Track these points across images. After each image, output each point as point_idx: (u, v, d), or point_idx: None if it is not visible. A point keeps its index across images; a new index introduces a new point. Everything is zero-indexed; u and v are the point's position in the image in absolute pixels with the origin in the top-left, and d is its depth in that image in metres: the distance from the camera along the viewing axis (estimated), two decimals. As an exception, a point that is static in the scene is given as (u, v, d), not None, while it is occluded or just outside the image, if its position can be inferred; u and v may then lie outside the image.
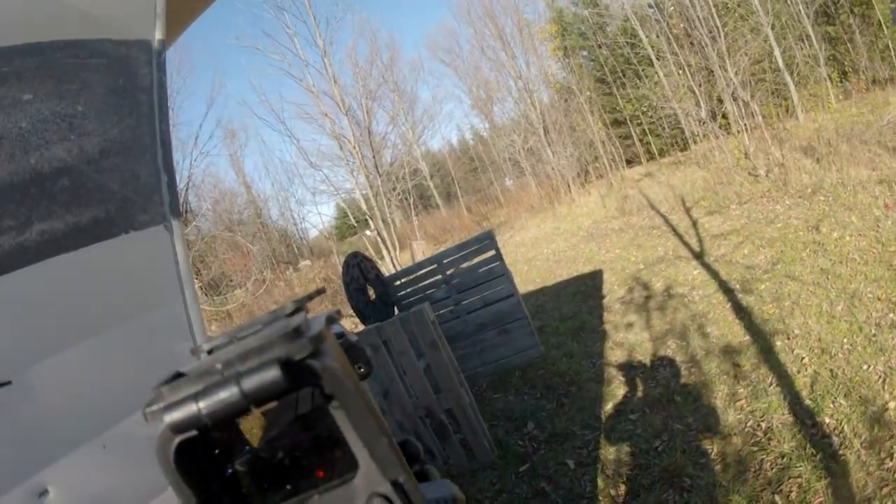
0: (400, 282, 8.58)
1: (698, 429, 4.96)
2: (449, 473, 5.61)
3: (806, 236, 8.62)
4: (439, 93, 74.82)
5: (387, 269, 23.01)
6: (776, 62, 22.13)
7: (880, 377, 4.59)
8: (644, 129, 32.10)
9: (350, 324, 15.62)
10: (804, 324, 5.99)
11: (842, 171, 10.93)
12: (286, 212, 46.30)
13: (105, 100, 1.67)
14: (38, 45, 1.56)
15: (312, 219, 71.92)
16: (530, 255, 18.52)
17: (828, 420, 4.35)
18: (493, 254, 7.87)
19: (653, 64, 26.87)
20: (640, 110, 30.09)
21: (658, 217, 15.09)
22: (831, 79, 22.22)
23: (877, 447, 3.89)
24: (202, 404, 0.46)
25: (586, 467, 5.08)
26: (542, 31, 34.41)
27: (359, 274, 7.89)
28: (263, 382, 0.46)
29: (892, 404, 4.22)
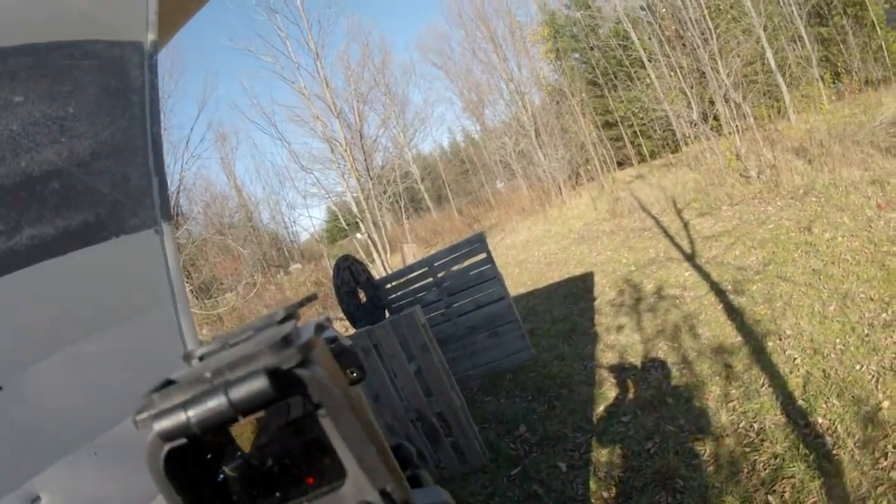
0: (391, 285, 8.57)
1: (690, 430, 4.96)
2: (441, 477, 5.61)
3: (798, 237, 8.64)
4: (431, 95, 75.38)
5: (378, 272, 22.98)
6: (768, 63, 22.23)
7: (873, 377, 4.60)
8: (635, 132, 32.23)
9: (341, 327, 15.61)
10: (796, 324, 6.01)
11: (834, 172, 10.98)
12: (277, 215, 46.28)
13: (97, 102, 1.66)
14: (31, 46, 1.54)
15: (303, 222, 71.86)
16: (521, 257, 18.54)
17: (821, 420, 4.36)
18: (483, 256, 7.86)
19: (645, 66, 26.95)
20: (631, 112, 30.15)
21: (649, 219, 15.13)
22: (824, 80, 22.36)
23: (870, 447, 3.89)
24: (191, 413, 0.46)
25: (578, 470, 5.07)
26: (534, 33, 34.56)
27: (349, 277, 7.88)
28: (251, 392, 0.46)
29: (885, 404, 4.23)
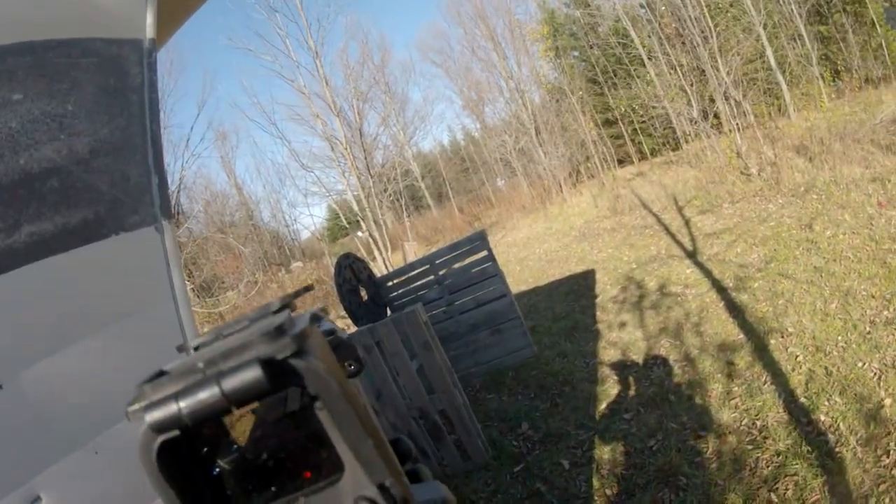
0: (392, 283, 8.57)
1: (693, 427, 4.95)
2: (443, 474, 5.60)
3: (799, 234, 8.64)
4: (430, 94, 75.27)
5: (379, 270, 22.96)
6: (768, 61, 22.21)
7: (875, 374, 4.59)
8: (636, 129, 32.15)
9: (343, 325, 15.62)
10: (798, 322, 6.00)
11: (834, 170, 10.97)
12: (278, 213, 46.24)
13: (96, 99, 1.65)
14: (30, 45, 1.54)
15: (304, 220, 71.79)
16: (522, 255, 18.53)
17: (823, 418, 4.35)
18: (485, 254, 7.86)
19: (644, 64, 26.91)
20: (631, 110, 30.11)
21: (650, 216, 15.12)
22: (824, 78, 22.32)
23: (873, 444, 3.89)
24: (183, 404, 0.45)
25: (581, 467, 5.07)
26: (534, 31, 34.52)
27: (351, 275, 7.87)
28: (244, 382, 0.45)
29: (887, 401, 4.23)
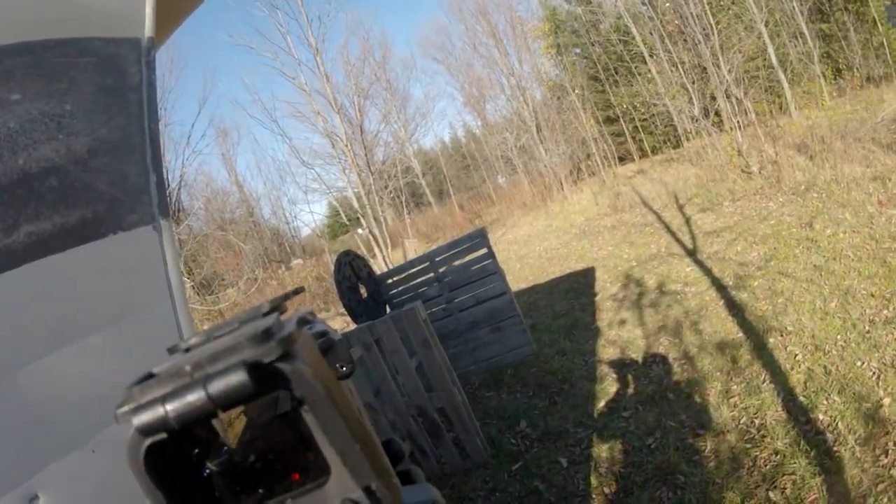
0: (392, 280, 8.57)
1: (692, 426, 4.96)
2: (442, 472, 5.61)
3: (799, 233, 8.63)
4: (432, 90, 75.45)
5: (379, 267, 22.99)
6: (770, 59, 22.17)
7: (874, 374, 4.59)
8: (637, 127, 32.15)
9: (342, 322, 15.65)
10: (798, 320, 6.00)
11: (835, 168, 10.97)
12: (278, 210, 46.28)
13: (94, 99, 1.65)
14: (27, 45, 1.54)
15: (304, 217, 71.78)
16: (523, 252, 18.53)
17: (822, 417, 4.35)
18: (485, 252, 7.86)
19: (646, 61, 26.89)
20: (632, 107, 30.10)
21: (651, 214, 15.12)
22: (825, 76, 22.30)
23: (871, 444, 3.89)
24: (169, 407, 0.45)
25: (579, 465, 5.07)
26: (535, 28, 34.54)
27: (351, 272, 7.88)
28: (230, 386, 0.44)
29: (886, 401, 4.23)
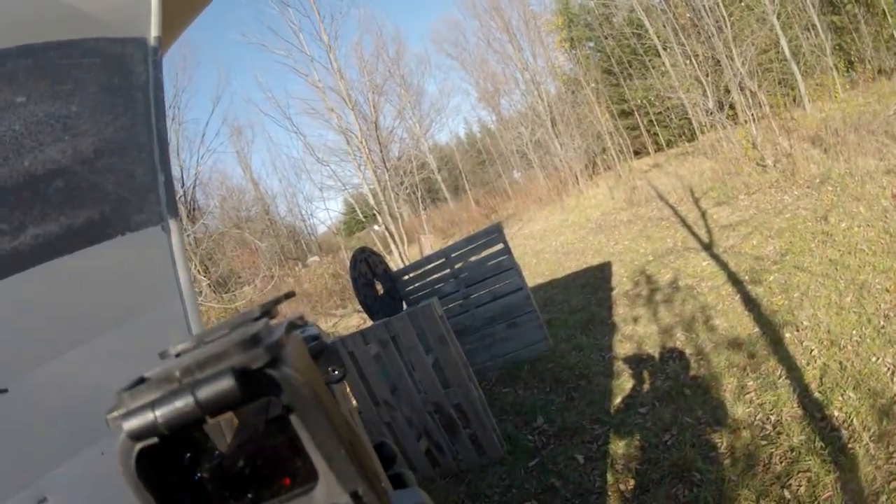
0: (408, 276, 8.57)
1: (707, 422, 4.94)
2: (458, 469, 5.62)
3: (814, 227, 8.59)
4: (446, 86, 75.22)
5: (395, 263, 23.00)
6: (783, 52, 22.05)
7: (889, 369, 4.56)
8: (651, 120, 32.02)
9: (359, 319, 15.69)
10: (813, 315, 5.97)
11: (849, 161, 10.90)
12: (294, 208, 46.47)
13: (100, 99, 1.65)
14: (32, 47, 1.54)
15: (320, 214, 71.85)
16: (539, 247, 18.51)
17: (837, 413, 4.33)
18: (501, 247, 7.84)
19: (659, 54, 26.79)
20: (647, 101, 29.99)
21: (666, 208, 15.07)
22: (837, 68, 22.13)
23: (885, 441, 3.87)
24: (158, 412, 0.45)
25: (596, 462, 5.07)
26: (549, 22, 34.49)
27: (367, 269, 7.89)
28: (217, 392, 0.44)
29: (901, 397, 4.21)
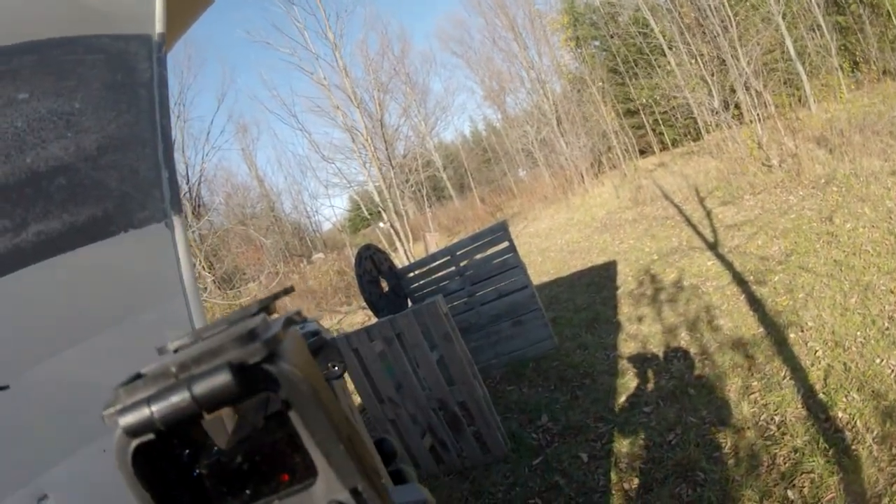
0: (413, 274, 8.57)
1: (712, 422, 4.94)
2: (462, 466, 5.63)
3: (819, 227, 8.57)
4: (451, 84, 74.98)
5: (400, 261, 22.99)
6: (788, 52, 21.97)
7: (893, 371, 4.55)
8: (657, 119, 31.95)
9: (364, 316, 15.70)
10: (818, 316, 5.96)
11: (854, 162, 10.87)
12: (299, 205, 46.38)
13: (103, 96, 1.65)
14: (35, 44, 1.54)
15: (325, 212, 71.98)
16: (544, 245, 18.51)
17: (841, 414, 4.32)
18: (506, 245, 7.84)
19: (665, 53, 26.74)
20: (652, 100, 29.94)
21: (672, 207, 15.05)
22: (843, 69, 22.06)
23: (889, 442, 3.86)
24: (154, 408, 0.44)
25: (600, 460, 5.07)
26: (554, 21, 34.43)
27: (372, 266, 7.89)
28: (214, 388, 0.44)
29: (905, 399, 4.20)
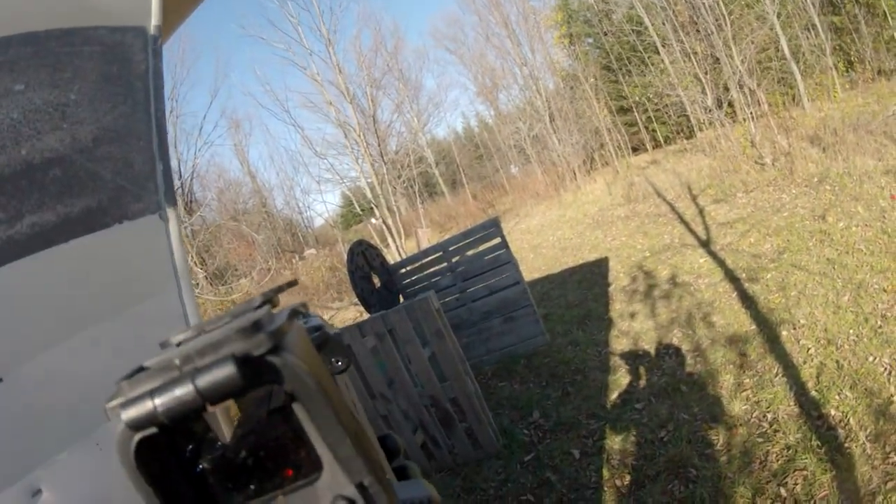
0: (405, 269, 8.56)
1: (704, 419, 4.94)
2: (454, 463, 5.62)
3: (812, 226, 8.58)
4: (444, 80, 75.22)
5: (392, 256, 22.99)
6: (782, 51, 22.01)
7: (886, 369, 4.56)
8: (650, 117, 31.97)
9: (355, 312, 15.68)
10: (810, 314, 5.97)
11: (848, 161, 10.90)
12: (291, 201, 46.46)
13: (99, 87, 1.64)
14: (31, 35, 1.52)
15: (318, 207, 71.85)
16: (536, 242, 18.50)
17: (833, 412, 4.33)
18: (498, 241, 7.84)
19: (658, 51, 26.76)
20: (645, 97, 29.96)
21: (664, 205, 15.06)
22: (837, 68, 22.11)
23: (882, 440, 3.87)
24: (158, 401, 0.43)
25: (591, 457, 5.07)
26: (548, 18, 34.43)
27: (364, 262, 7.88)
28: (218, 380, 0.43)
29: (897, 397, 4.21)
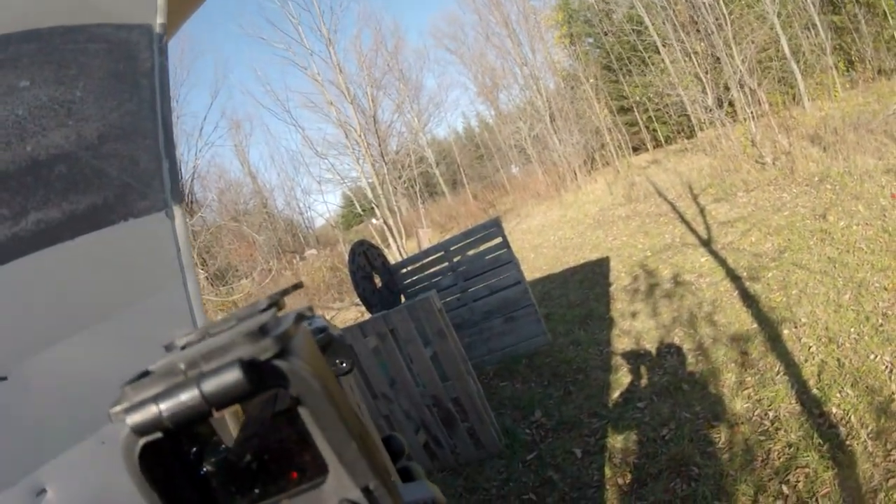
0: (406, 269, 8.56)
1: (706, 417, 4.94)
2: (456, 462, 5.63)
3: (813, 224, 8.58)
4: (445, 80, 75.08)
5: (393, 256, 22.96)
6: (783, 50, 21.99)
7: (887, 367, 4.56)
8: (650, 117, 31.96)
9: (357, 312, 15.68)
10: (811, 312, 5.97)
11: (848, 160, 10.89)
12: (292, 201, 46.40)
13: (104, 85, 1.64)
14: (37, 32, 1.53)
15: (318, 208, 71.82)
16: (537, 242, 18.49)
17: (835, 410, 4.33)
18: (499, 241, 7.84)
19: (659, 51, 26.75)
20: (646, 97, 29.94)
21: (665, 204, 15.05)
22: (837, 68, 22.10)
23: (883, 438, 3.87)
24: (163, 406, 0.43)
25: (593, 456, 5.07)
26: (548, 18, 34.40)
27: (365, 262, 7.87)
28: (224, 385, 0.43)
29: (899, 395, 4.21)
